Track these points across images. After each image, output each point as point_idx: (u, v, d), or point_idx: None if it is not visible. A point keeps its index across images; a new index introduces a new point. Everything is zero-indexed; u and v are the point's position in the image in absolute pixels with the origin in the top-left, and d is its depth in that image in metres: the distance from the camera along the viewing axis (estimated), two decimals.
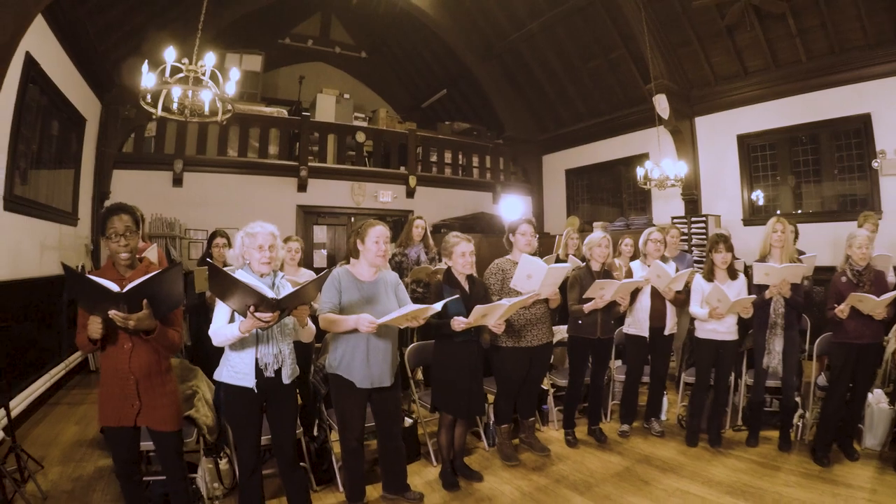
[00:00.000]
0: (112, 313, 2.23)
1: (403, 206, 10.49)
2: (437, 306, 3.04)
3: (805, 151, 8.00)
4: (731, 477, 3.78)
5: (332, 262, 10.00)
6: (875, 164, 7.08)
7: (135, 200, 6.40)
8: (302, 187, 9.49)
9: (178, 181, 8.46)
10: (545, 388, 4.87)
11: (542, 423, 4.85)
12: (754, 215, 8.19)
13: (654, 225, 7.67)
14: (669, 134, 8.77)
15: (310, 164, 9.53)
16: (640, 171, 7.68)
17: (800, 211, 7.99)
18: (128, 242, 2.53)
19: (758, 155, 8.43)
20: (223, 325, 2.62)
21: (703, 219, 8.18)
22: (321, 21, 12.53)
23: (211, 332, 2.65)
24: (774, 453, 4.17)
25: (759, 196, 8.46)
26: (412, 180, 10.51)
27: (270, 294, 2.43)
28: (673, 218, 8.58)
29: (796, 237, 5.61)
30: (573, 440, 4.44)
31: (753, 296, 4.13)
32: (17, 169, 5.17)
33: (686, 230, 8.13)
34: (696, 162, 8.88)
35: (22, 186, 5.32)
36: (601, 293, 4.04)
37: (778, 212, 8.10)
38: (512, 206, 10.17)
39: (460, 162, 11.51)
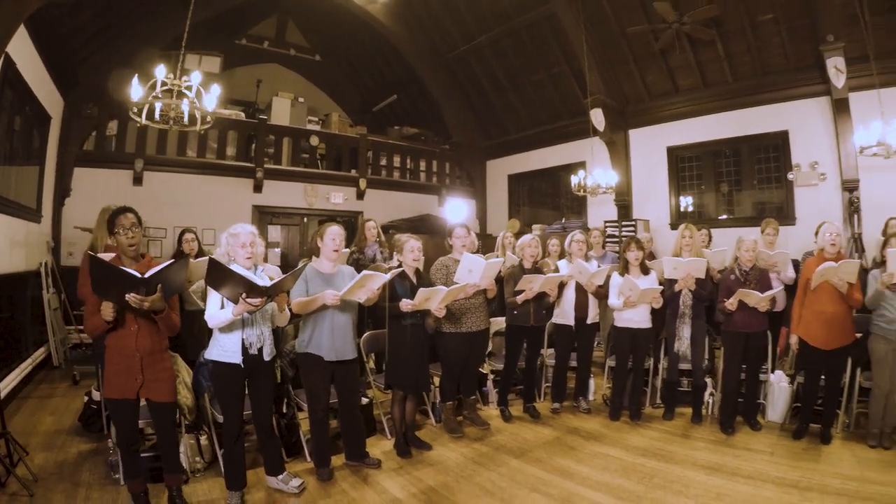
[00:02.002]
0: (130, 296, 2.77)
1: (354, 208, 11.03)
2: (386, 277, 3.77)
3: (728, 163, 8.96)
4: (647, 443, 4.53)
5: (285, 260, 10.42)
6: (790, 177, 8.05)
7: (96, 198, 6.95)
8: (258, 188, 9.90)
9: (138, 180, 8.73)
10: (485, 372, 5.58)
11: (483, 403, 5.54)
12: (681, 220, 9.00)
13: (588, 228, 8.47)
14: (605, 144, 9.60)
15: (265, 165, 9.96)
16: (574, 179, 8.46)
17: (723, 217, 8.94)
18: (134, 236, 3.08)
19: (685, 165, 9.35)
20: (217, 311, 3.19)
21: (633, 223, 9.04)
22: (277, 23, 12.88)
23: (207, 316, 3.22)
24: (687, 425, 4.96)
25: (688, 203, 9.38)
26: (362, 183, 11.07)
27: (260, 283, 3.02)
28: (606, 221, 9.43)
29: (710, 240, 6.47)
30: (508, 415, 5.16)
31: (661, 287, 4.91)
32: None
33: (617, 233, 8.96)
34: (629, 170, 9.75)
35: None
36: (530, 286, 4.79)
37: (686, 219, 9.01)
38: (456, 209, 10.83)
39: (408, 166, 12.15)
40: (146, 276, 2.78)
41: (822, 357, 4.47)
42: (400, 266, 4.40)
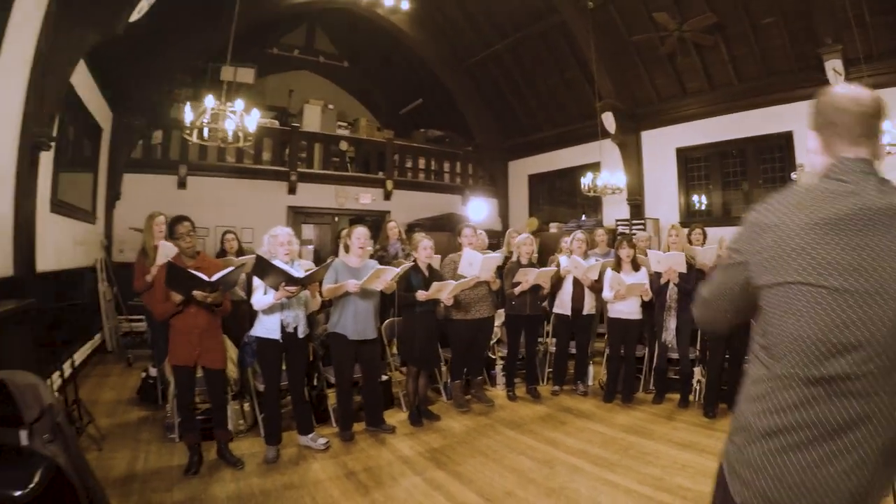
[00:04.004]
0: (197, 293, 3.62)
1: (381, 208, 11.88)
2: (396, 270, 4.59)
3: (734, 163, 9.45)
4: (631, 422, 5.17)
5: (317, 256, 11.28)
6: (793, 177, 8.46)
7: (143, 201, 7.87)
8: (292, 190, 10.81)
9: (182, 184, 9.68)
10: (493, 357, 6.32)
11: (491, 385, 6.29)
12: (689, 218, 9.55)
13: (602, 226, 9.11)
14: (616, 146, 10.22)
15: (299, 169, 10.87)
16: (583, 181, 9.11)
17: (739, 216, 9.43)
18: (190, 240, 3.91)
19: (693, 166, 9.89)
20: (262, 297, 4.01)
21: (643, 221, 9.65)
22: (306, 32, 13.74)
23: (253, 301, 4.06)
24: (674, 409, 5.56)
25: (701, 201, 9.91)
26: (389, 184, 11.92)
27: (297, 275, 3.83)
28: (617, 220, 10.05)
29: (704, 238, 7.05)
30: (512, 395, 5.90)
31: (647, 282, 5.57)
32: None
33: (628, 231, 9.56)
34: (641, 171, 10.34)
35: (59, 190, 6.54)
36: (526, 278, 5.52)
37: (695, 218, 9.61)
38: (477, 208, 11.55)
39: (433, 167, 12.98)
40: (213, 279, 3.63)
41: None
42: (415, 262, 5.18)
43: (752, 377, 1.41)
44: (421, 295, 4.86)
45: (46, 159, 5.69)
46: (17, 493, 1.98)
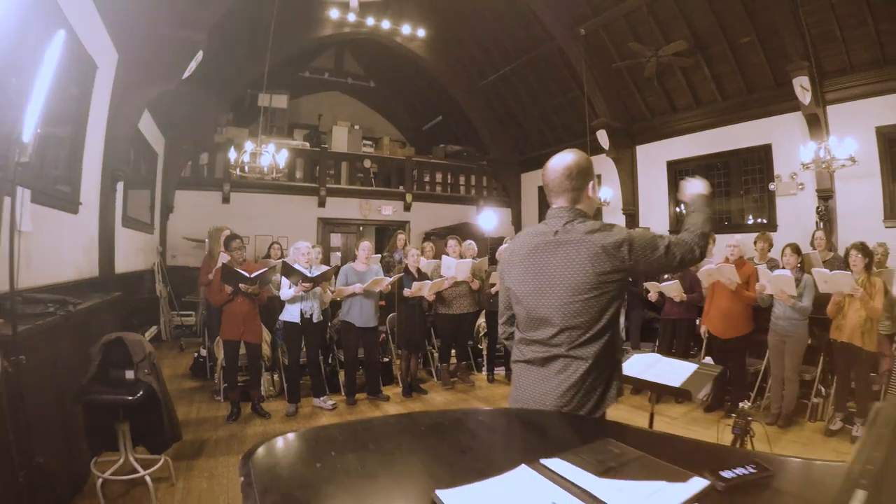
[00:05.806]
0: (242, 286, 5.19)
1: (401, 218, 13.41)
2: (389, 280, 6.04)
3: (719, 175, 10.42)
4: None
5: (344, 261, 12.82)
6: (771, 187, 9.25)
7: (193, 214, 9.74)
8: (321, 203, 12.44)
9: (226, 199, 11.40)
10: (481, 347, 7.71)
11: (477, 370, 7.69)
12: (678, 227, 10.46)
13: None
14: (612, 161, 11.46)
15: (327, 185, 12.52)
16: None
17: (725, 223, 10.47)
18: (242, 252, 5.48)
19: (682, 178, 10.89)
20: (287, 290, 5.54)
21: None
22: (335, 55, 15.38)
23: (281, 293, 5.60)
24: (626, 397, 6.55)
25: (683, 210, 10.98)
26: (409, 197, 13.47)
27: (310, 276, 5.35)
28: None
29: None
30: (491, 378, 7.31)
31: None
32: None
33: None
34: (636, 183, 11.50)
35: (127, 208, 8.22)
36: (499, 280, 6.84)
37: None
38: (487, 218, 12.73)
39: (449, 180, 14.45)
40: (253, 275, 5.20)
41: (722, 344, 5.64)
42: (406, 266, 6.63)
43: (516, 336, 2.30)
44: (406, 292, 6.33)
45: (119, 185, 7.33)
46: (129, 398, 3.52)
